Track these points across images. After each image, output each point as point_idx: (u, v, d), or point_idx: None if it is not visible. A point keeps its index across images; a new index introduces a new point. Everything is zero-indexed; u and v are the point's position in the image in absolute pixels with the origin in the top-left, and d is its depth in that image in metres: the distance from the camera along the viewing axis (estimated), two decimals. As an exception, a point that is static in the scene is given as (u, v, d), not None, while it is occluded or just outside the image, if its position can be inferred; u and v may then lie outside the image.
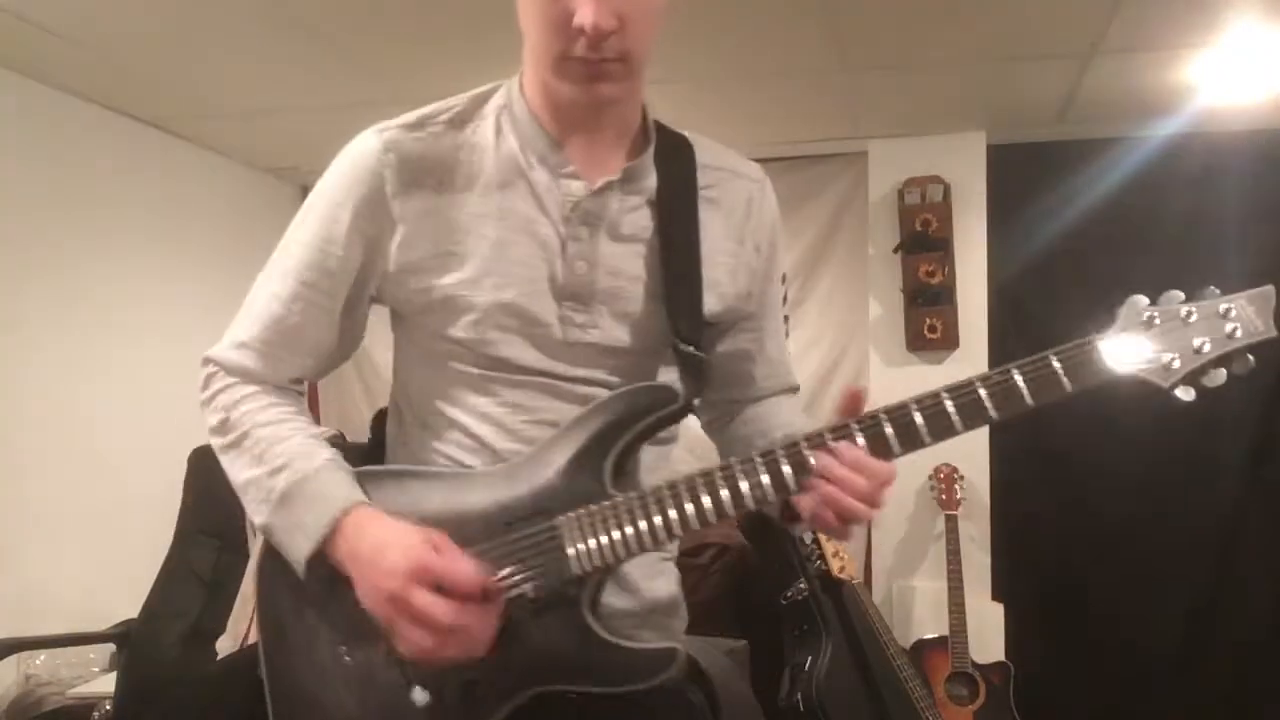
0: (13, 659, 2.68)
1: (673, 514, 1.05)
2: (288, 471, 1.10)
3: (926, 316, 3.70)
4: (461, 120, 1.16)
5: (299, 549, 1.08)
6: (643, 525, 1.05)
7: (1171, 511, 3.64)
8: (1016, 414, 1.04)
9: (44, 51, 2.81)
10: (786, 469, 1.04)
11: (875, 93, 3.36)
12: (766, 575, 3.32)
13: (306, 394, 1.27)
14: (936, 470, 3.57)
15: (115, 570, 2.94)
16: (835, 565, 3.21)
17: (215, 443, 1.17)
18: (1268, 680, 3.55)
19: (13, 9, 2.54)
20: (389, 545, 1.03)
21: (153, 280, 3.46)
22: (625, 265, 1.15)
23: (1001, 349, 3.72)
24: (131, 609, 2.68)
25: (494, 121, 1.16)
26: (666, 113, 1.24)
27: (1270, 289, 1.02)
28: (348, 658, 1.10)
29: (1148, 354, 1.03)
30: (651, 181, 1.17)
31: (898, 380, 3.78)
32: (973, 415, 1.04)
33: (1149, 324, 1.03)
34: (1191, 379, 1.02)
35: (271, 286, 1.17)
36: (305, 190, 1.40)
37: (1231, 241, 3.57)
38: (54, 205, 3.05)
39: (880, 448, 1.05)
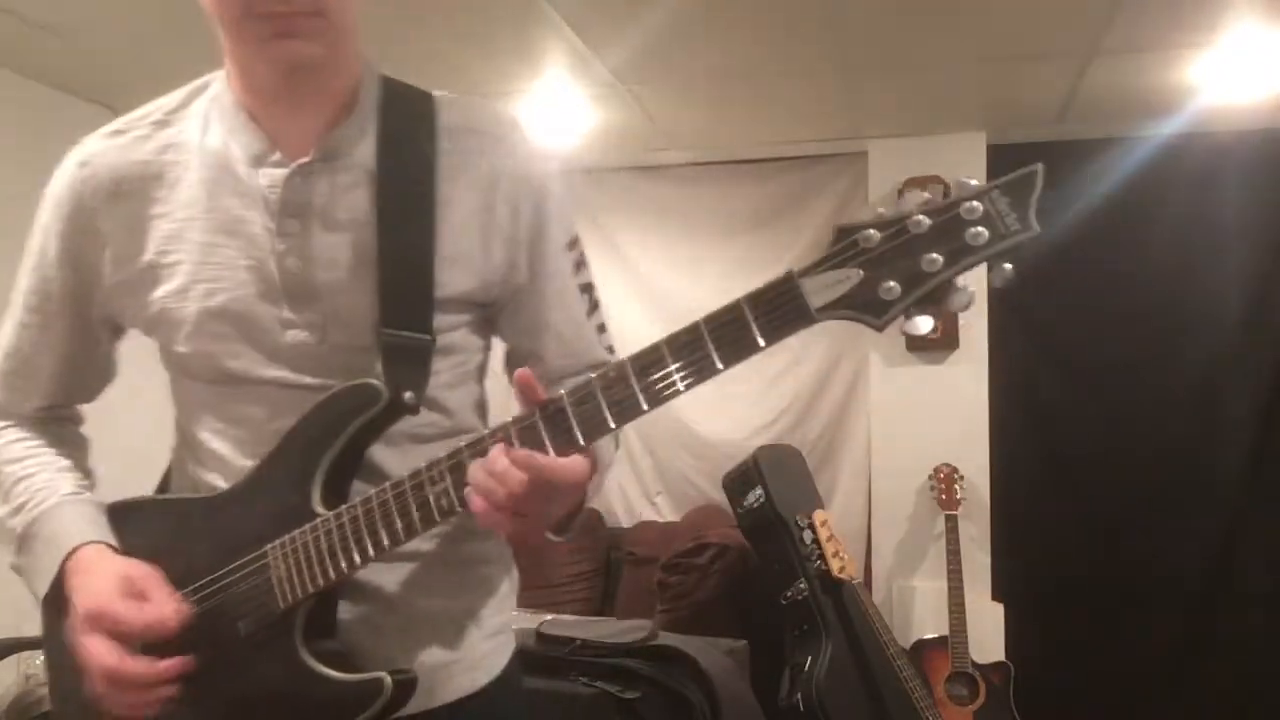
0: (13, 659, 2.68)
1: (370, 533, 0.95)
2: (24, 512, 1.08)
3: (927, 316, 3.69)
4: (168, 119, 1.09)
5: (38, 593, 1.08)
6: (340, 545, 0.96)
7: (1171, 511, 3.64)
8: (709, 378, 0.86)
9: (44, 51, 2.81)
10: (468, 471, 0.91)
11: (875, 93, 3.36)
12: (766, 575, 3.31)
13: (76, 417, 1.25)
14: (936, 470, 3.57)
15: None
16: (835, 565, 3.20)
17: None
18: (1267, 680, 3.55)
19: (13, 9, 2.54)
20: (80, 589, 1.00)
21: (153, 280, 3.46)
22: (343, 254, 1.02)
23: (1002, 349, 3.73)
24: (131, 609, 2.67)
25: (202, 116, 1.08)
26: (666, 112, 1.21)
27: (1036, 167, 0.78)
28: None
29: (854, 285, 0.80)
30: (367, 155, 1.04)
31: (898, 380, 3.79)
32: (659, 392, 0.85)
33: (864, 247, 0.79)
34: (923, 306, 0.80)
35: (6, 317, 1.16)
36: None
37: (1231, 241, 3.58)
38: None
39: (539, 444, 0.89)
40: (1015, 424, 3.73)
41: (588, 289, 1.16)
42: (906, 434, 3.75)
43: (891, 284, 0.79)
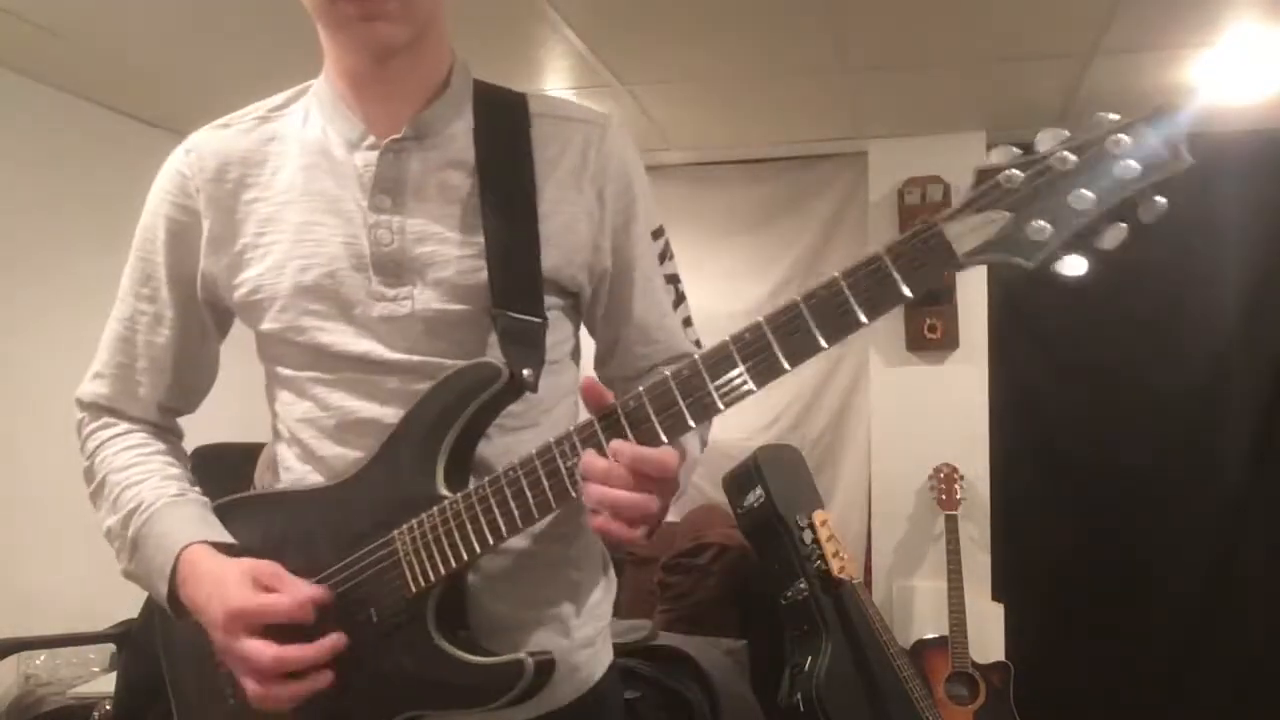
0: (13, 659, 2.68)
1: (496, 513, 0.95)
2: (137, 516, 1.09)
3: (926, 316, 3.70)
4: (271, 115, 1.14)
5: (159, 594, 1.07)
6: (470, 526, 0.96)
7: (1171, 511, 3.64)
8: (849, 334, 0.86)
9: (44, 51, 2.81)
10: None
11: (875, 93, 3.36)
12: (766, 575, 3.32)
13: (179, 430, 1.24)
14: (936, 470, 3.57)
15: (115, 570, 2.92)
16: (835, 565, 3.21)
17: (89, 493, 1.16)
18: (1267, 679, 3.55)
19: (13, 9, 2.54)
20: (213, 596, 1.00)
21: (153, 280, 3.45)
22: (435, 229, 1.05)
23: (1002, 349, 3.72)
24: (131, 609, 2.67)
25: (302, 110, 1.13)
26: (666, 112, 1.22)
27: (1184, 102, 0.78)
28: (232, 699, 1.06)
29: (1001, 227, 0.78)
30: (459, 138, 1.08)
31: (898, 380, 3.79)
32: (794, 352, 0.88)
33: (1009, 188, 0.78)
34: (1076, 245, 0.78)
35: (114, 312, 1.18)
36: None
37: (1231, 241, 3.58)
38: (54, 205, 3.05)
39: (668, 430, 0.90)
40: (1015, 424, 3.73)
41: (673, 280, 1.18)
42: (906, 434, 3.75)
43: (1041, 224, 0.77)
